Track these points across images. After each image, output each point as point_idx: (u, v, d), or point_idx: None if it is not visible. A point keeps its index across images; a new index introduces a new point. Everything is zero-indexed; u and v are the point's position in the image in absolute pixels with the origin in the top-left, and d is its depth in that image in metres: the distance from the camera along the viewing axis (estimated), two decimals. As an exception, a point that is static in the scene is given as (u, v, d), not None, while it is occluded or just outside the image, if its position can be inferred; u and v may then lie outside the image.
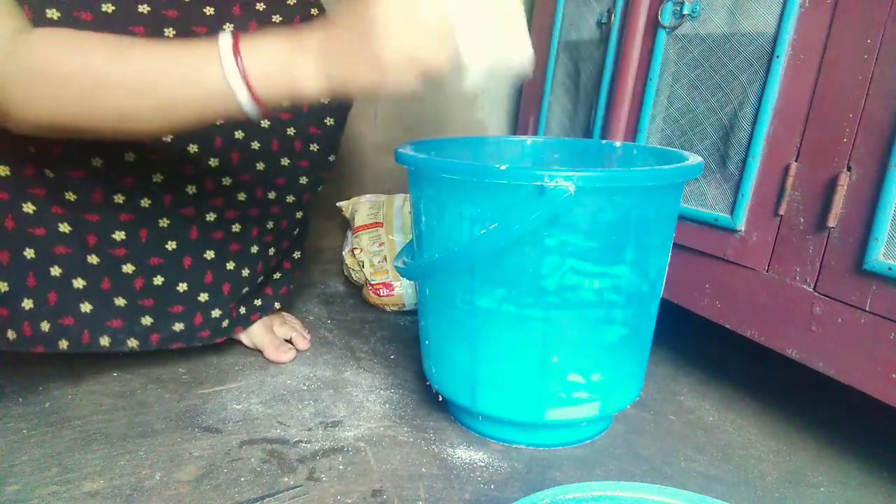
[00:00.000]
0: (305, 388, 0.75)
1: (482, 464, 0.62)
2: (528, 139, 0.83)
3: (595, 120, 0.93)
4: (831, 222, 0.61)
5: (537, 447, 0.65)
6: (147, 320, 0.71)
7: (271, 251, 0.82)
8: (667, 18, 0.79)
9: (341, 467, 0.60)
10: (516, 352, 0.60)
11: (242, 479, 0.57)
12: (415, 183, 0.64)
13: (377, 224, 1.03)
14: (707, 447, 0.67)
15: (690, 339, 0.92)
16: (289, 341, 0.83)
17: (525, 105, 1.16)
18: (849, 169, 0.60)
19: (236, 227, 0.76)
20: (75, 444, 0.61)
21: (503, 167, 0.52)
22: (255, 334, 0.82)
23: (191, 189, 0.71)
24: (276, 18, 0.72)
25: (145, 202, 0.68)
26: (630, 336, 0.61)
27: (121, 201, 0.67)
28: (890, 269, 0.56)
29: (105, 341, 0.68)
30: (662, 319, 0.67)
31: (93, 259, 0.66)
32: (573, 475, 0.61)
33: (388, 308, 1.00)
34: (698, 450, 0.67)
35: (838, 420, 0.74)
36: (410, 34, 0.47)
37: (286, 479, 0.58)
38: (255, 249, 0.79)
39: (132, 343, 0.70)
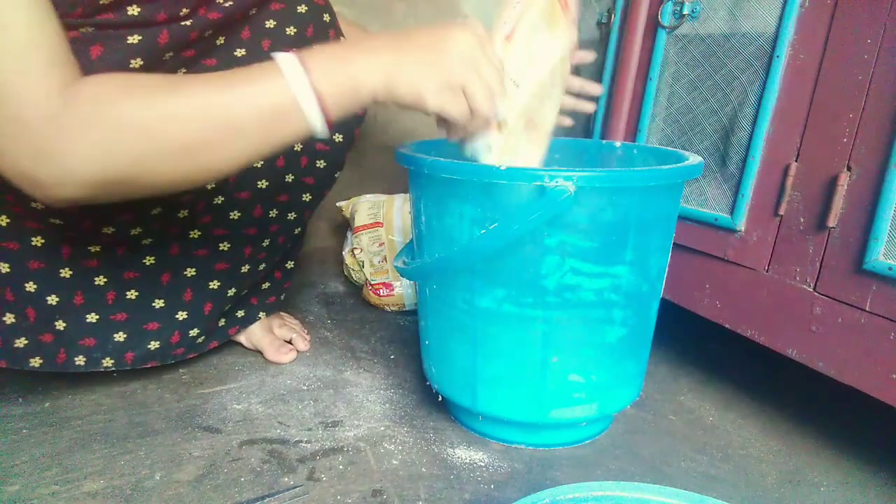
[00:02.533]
0: (305, 388, 0.75)
1: (482, 464, 0.62)
2: (528, 139, 0.83)
3: (595, 120, 0.93)
4: (831, 222, 0.61)
5: (537, 447, 0.65)
6: (120, 336, 0.69)
7: (261, 267, 0.80)
8: (667, 18, 0.79)
9: (341, 467, 0.60)
10: (516, 352, 0.60)
11: (242, 479, 0.57)
12: (415, 183, 0.64)
13: (377, 224, 1.03)
14: (707, 447, 0.67)
15: (690, 339, 0.92)
16: (289, 342, 0.83)
17: (525, 105, 1.16)
18: (849, 169, 0.60)
19: (224, 246, 0.74)
20: (75, 444, 0.61)
21: (503, 167, 0.52)
22: (255, 335, 0.82)
23: (182, 213, 0.69)
24: (290, 30, 0.70)
25: (136, 231, 0.67)
26: (630, 336, 0.61)
27: (109, 232, 0.65)
28: (890, 269, 0.56)
29: (80, 360, 0.66)
30: (662, 319, 0.67)
31: (65, 272, 0.64)
32: (573, 475, 0.61)
33: (388, 308, 1.00)
34: (698, 450, 0.67)
35: (838, 420, 0.74)
36: (476, 68, 0.52)
37: (286, 479, 0.58)
38: (245, 269, 0.77)
39: (107, 362, 0.68)
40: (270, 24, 0.69)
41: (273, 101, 0.47)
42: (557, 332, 0.58)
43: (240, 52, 0.67)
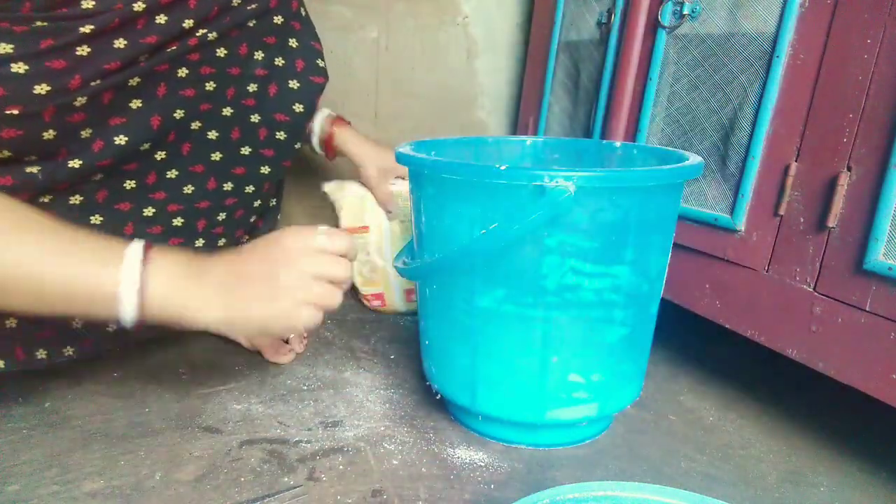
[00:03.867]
0: (305, 388, 0.75)
1: (482, 464, 0.62)
2: (528, 139, 0.83)
3: (595, 120, 0.93)
4: (831, 222, 0.61)
5: (537, 447, 0.65)
6: (77, 323, 0.67)
7: (221, 242, 0.78)
8: (667, 18, 0.79)
9: (341, 467, 0.60)
10: (516, 352, 0.60)
11: (242, 479, 0.57)
12: (415, 183, 0.64)
13: (363, 228, 0.97)
14: (707, 447, 0.67)
15: (690, 339, 0.92)
16: (286, 342, 0.83)
17: (525, 105, 1.16)
18: (849, 169, 0.60)
19: (178, 221, 0.72)
20: (75, 444, 0.61)
21: (503, 167, 0.52)
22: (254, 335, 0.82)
23: (129, 184, 0.67)
24: (252, 6, 0.69)
25: (75, 199, 0.64)
26: (630, 336, 0.61)
27: (46, 200, 0.62)
28: (890, 269, 0.56)
29: (42, 354, 0.65)
30: (662, 319, 0.67)
31: None
32: (573, 475, 0.61)
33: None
34: (698, 450, 0.67)
35: (838, 420, 0.74)
36: (315, 276, 0.55)
37: (286, 479, 0.58)
38: (200, 243, 0.75)
39: (68, 351, 0.66)
40: (237, 1, 0.68)
41: (98, 292, 0.51)
42: (557, 332, 0.58)
43: (201, 31, 0.65)
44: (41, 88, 0.55)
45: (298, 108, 0.78)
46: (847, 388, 0.60)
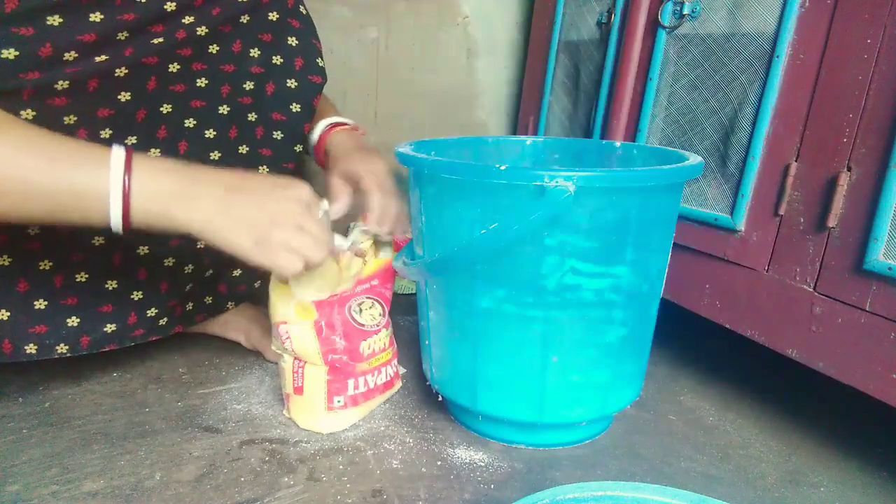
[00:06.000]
0: (305, 388, 0.75)
1: (482, 464, 0.62)
2: (528, 139, 0.83)
3: (595, 120, 0.93)
4: (831, 222, 0.61)
5: (537, 447, 0.65)
6: (73, 321, 0.66)
7: None
8: (667, 18, 0.79)
9: (341, 467, 0.60)
10: (516, 352, 0.60)
11: (242, 479, 0.57)
12: (415, 183, 0.64)
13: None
14: (707, 447, 0.67)
15: (690, 339, 0.92)
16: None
17: (525, 105, 1.16)
18: (849, 169, 0.60)
19: None
20: (75, 444, 0.61)
21: (503, 167, 0.52)
22: (255, 336, 0.82)
23: None
24: None
25: None
26: (630, 336, 0.61)
27: None
28: (890, 269, 0.56)
29: (31, 349, 0.64)
30: (662, 319, 0.67)
31: (3, 260, 0.61)
32: (573, 475, 0.61)
33: None
34: (698, 450, 0.67)
35: (838, 420, 0.74)
36: (297, 235, 0.56)
37: (286, 479, 0.58)
38: (201, 244, 0.74)
39: (61, 349, 0.65)
40: None
41: (82, 191, 0.50)
42: (557, 332, 0.58)
43: (188, 19, 0.65)
44: (9, 53, 0.54)
45: (295, 107, 0.77)
46: (847, 388, 0.60)
